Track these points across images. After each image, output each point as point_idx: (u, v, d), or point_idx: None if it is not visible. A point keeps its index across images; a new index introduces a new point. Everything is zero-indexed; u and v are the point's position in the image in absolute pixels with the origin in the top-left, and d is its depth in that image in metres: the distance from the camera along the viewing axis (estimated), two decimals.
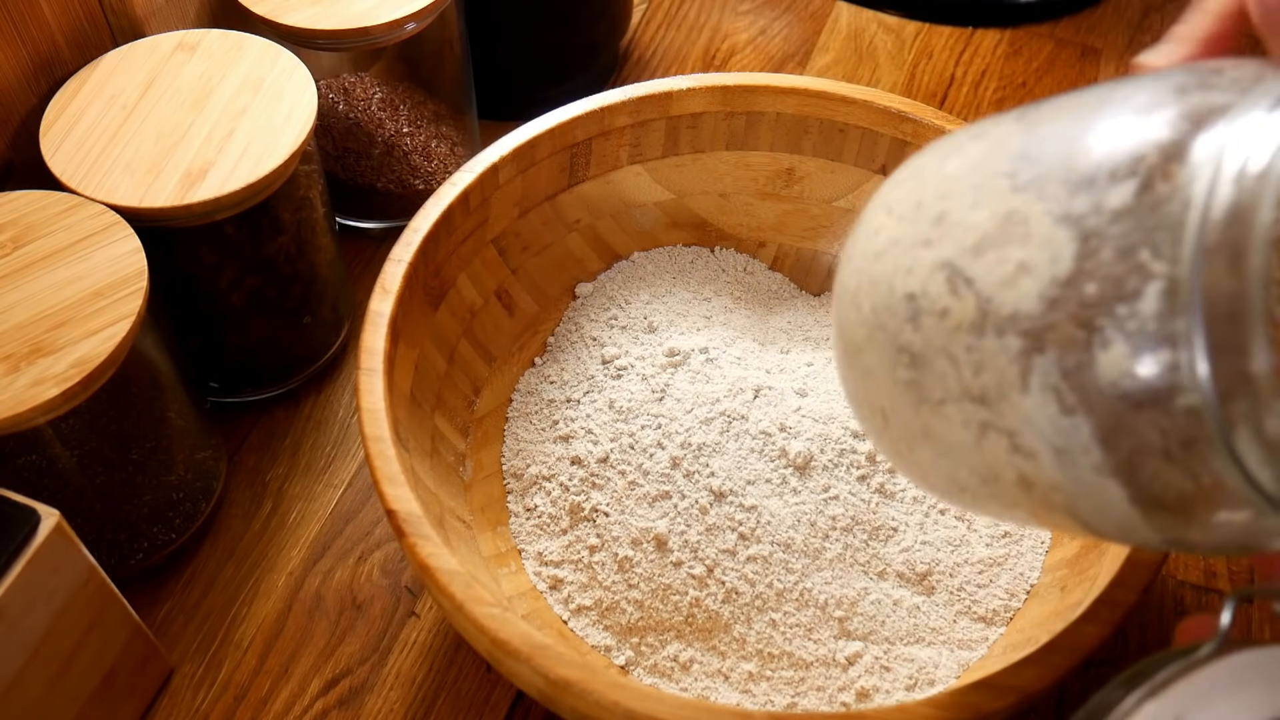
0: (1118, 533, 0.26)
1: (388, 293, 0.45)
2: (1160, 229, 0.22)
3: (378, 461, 0.40)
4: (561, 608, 0.46)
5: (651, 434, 0.47)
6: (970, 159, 0.27)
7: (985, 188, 0.26)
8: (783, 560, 0.45)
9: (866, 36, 0.75)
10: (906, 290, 0.27)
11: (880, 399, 0.29)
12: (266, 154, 0.46)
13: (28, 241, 0.43)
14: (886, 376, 0.28)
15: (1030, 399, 0.24)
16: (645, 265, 0.57)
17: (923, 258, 0.27)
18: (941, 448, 0.28)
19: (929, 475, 0.30)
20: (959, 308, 0.25)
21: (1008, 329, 0.24)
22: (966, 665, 0.44)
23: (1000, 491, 0.28)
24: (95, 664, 0.42)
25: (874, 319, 0.28)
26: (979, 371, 0.25)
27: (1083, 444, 0.24)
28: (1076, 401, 0.23)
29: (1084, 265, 0.23)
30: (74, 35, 0.50)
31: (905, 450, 0.30)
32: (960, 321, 0.25)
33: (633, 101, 0.53)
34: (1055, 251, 0.23)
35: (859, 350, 0.29)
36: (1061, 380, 0.23)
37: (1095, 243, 0.23)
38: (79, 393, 0.39)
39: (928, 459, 0.29)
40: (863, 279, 0.29)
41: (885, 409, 0.29)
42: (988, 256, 0.25)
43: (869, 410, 0.31)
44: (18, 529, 0.36)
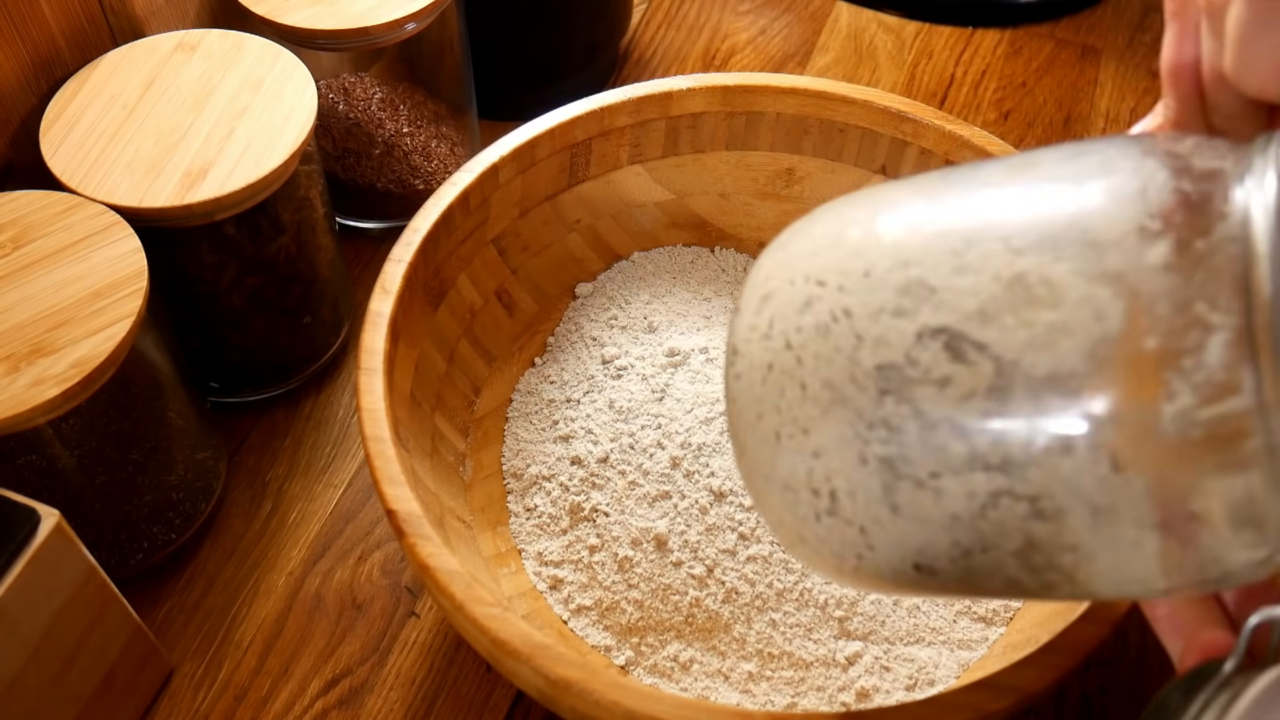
0: (1114, 588, 0.26)
1: (388, 293, 0.45)
2: (1211, 282, 0.22)
3: (378, 461, 0.40)
4: (561, 608, 0.46)
5: (651, 434, 0.47)
6: (920, 223, 0.27)
7: (969, 252, 0.25)
8: (783, 560, 0.45)
9: (866, 36, 0.75)
10: (878, 362, 0.26)
11: (832, 480, 0.27)
12: (266, 154, 0.46)
13: (28, 241, 0.43)
14: (848, 455, 0.26)
15: (1073, 460, 0.23)
16: (645, 265, 0.57)
17: (898, 327, 0.26)
18: (916, 524, 0.26)
19: (884, 552, 0.28)
20: (969, 375, 0.24)
21: (1045, 391, 0.23)
22: (966, 665, 0.44)
23: (983, 564, 0.26)
24: (95, 664, 0.42)
25: (830, 395, 0.26)
26: (1000, 439, 0.24)
27: (1132, 500, 0.23)
28: (1133, 457, 0.23)
29: (1139, 321, 0.22)
30: (74, 35, 0.50)
31: (853, 536, 0.27)
32: (972, 389, 0.24)
33: (633, 101, 0.53)
34: (1098, 309, 0.23)
35: (803, 431, 0.27)
36: (1117, 436, 0.23)
37: (1147, 299, 0.23)
38: (79, 393, 0.39)
39: (889, 535, 0.27)
40: (801, 355, 0.27)
41: (838, 490, 0.27)
42: (1002, 321, 0.24)
43: (808, 494, 0.28)
44: (18, 529, 0.36)
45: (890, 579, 0.28)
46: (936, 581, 0.28)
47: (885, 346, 0.26)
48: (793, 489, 0.28)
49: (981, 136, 0.51)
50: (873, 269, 0.27)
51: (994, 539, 0.26)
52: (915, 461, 0.26)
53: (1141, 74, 0.73)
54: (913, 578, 0.28)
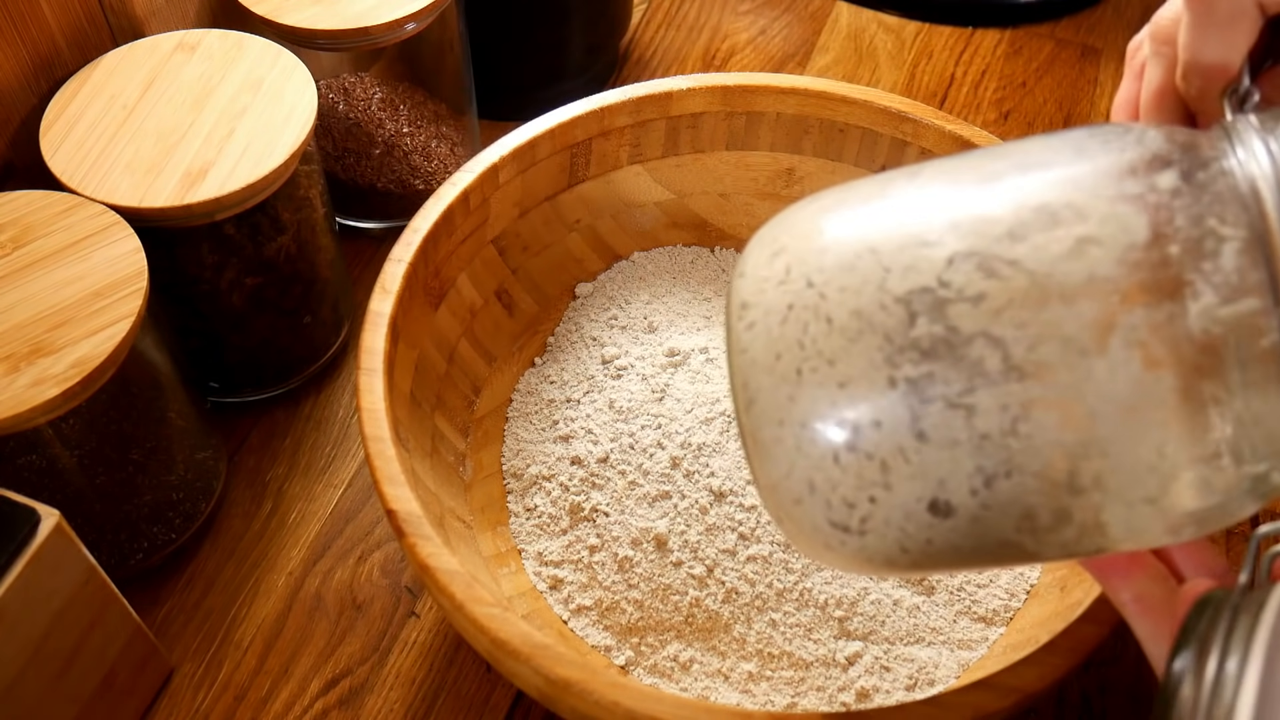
0: (1127, 516, 0.27)
1: (388, 293, 0.45)
2: (1217, 202, 0.25)
3: (378, 461, 0.40)
4: (561, 608, 0.46)
5: (651, 434, 0.48)
6: (933, 181, 0.29)
7: (990, 193, 0.27)
8: (783, 560, 0.45)
9: (866, 36, 0.75)
10: (909, 288, 0.27)
11: (857, 410, 0.27)
12: (266, 154, 0.46)
13: (28, 241, 0.43)
14: (877, 380, 0.27)
15: (1107, 360, 0.25)
16: (645, 265, 0.57)
17: (927, 255, 0.27)
18: (941, 452, 0.27)
19: (900, 490, 0.28)
20: (1003, 289, 0.26)
21: (1080, 297, 0.25)
22: (966, 665, 0.44)
23: (1003, 494, 0.27)
24: (95, 664, 0.42)
25: (858, 324, 0.27)
26: (1035, 346, 0.26)
27: (1160, 399, 0.25)
28: (1163, 355, 0.25)
29: (1161, 230, 0.25)
30: (74, 35, 0.50)
31: (872, 473, 0.28)
32: (1008, 300, 0.26)
33: (633, 101, 0.53)
34: (1123, 224, 0.25)
35: (828, 362, 0.28)
36: (1150, 335, 0.25)
37: (1165, 213, 0.25)
38: (79, 393, 0.39)
39: (911, 467, 0.27)
40: (825, 291, 0.28)
41: (862, 421, 0.28)
42: (1032, 239, 0.26)
43: (829, 430, 0.28)
44: (18, 529, 0.36)
45: (896, 532, 0.28)
46: (944, 529, 0.28)
47: (915, 273, 0.27)
48: (812, 427, 0.28)
49: (982, 137, 0.51)
50: (895, 212, 0.29)
51: (1021, 458, 0.26)
52: (948, 380, 0.26)
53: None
54: (922, 526, 0.28)
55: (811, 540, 0.30)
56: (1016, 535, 0.28)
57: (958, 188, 0.28)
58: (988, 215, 0.27)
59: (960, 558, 0.29)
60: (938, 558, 0.29)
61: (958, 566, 0.30)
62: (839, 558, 0.30)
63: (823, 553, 0.30)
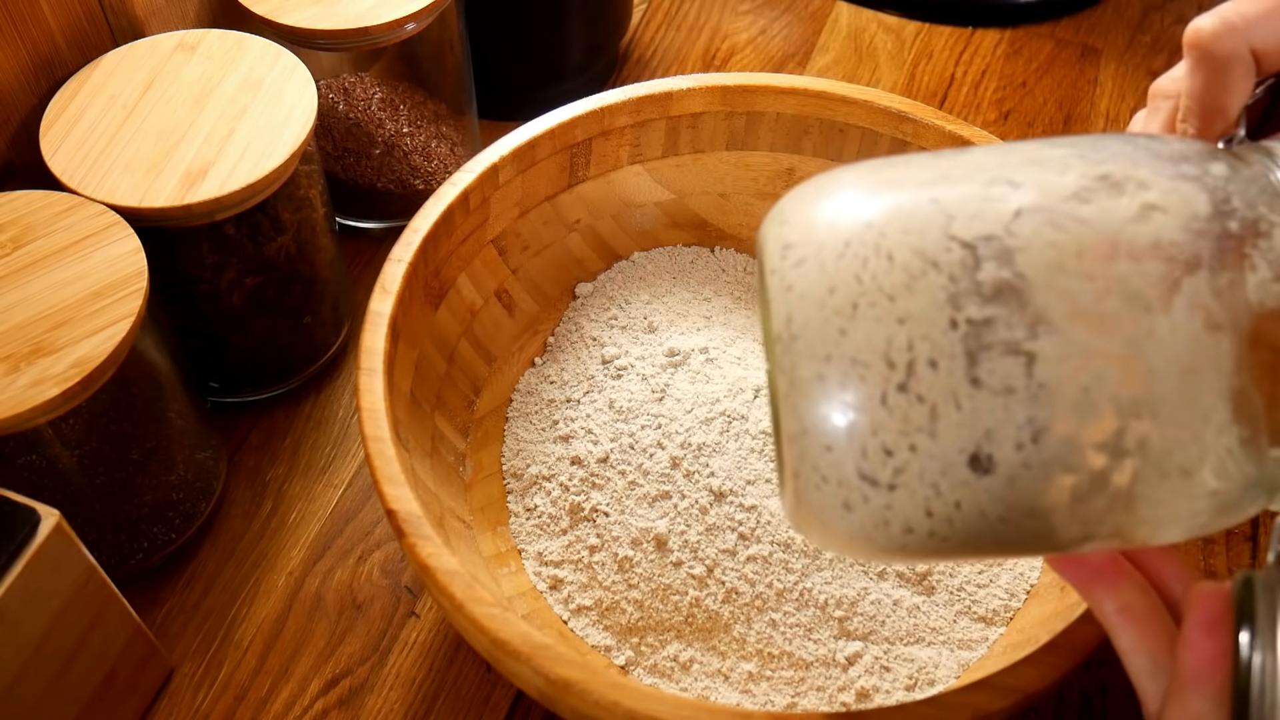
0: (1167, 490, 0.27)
1: (388, 293, 0.45)
2: (1265, 193, 0.27)
3: (378, 461, 0.40)
4: (561, 608, 0.46)
5: (651, 434, 0.48)
6: (984, 155, 0.30)
7: (1048, 164, 0.28)
8: (782, 560, 0.45)
9: (866, 36, 0.75)
10: (976, 233, 0.27)
11: (914, 349, 0.27)
12: (266, 154, 0.46)
13: (28, 241, 0.43)
14: (938, 319, 0.27)
15: (1170, 318, 0.26)
16: (645, 265, 0.57)
17: (993, 208, 0.28)
18: (994, 399, 0.26)
19: (945, 439, 0.27)
20: (1071, 241, 0.27)
21: (1147, 256, 0.26)
22: (966, 665, 0.44)
23: (1049, 449, 0.26)
24: (95, 664, 0.42)
25: (921, 262, 0.27)
26: (1102, 298, 0.26)
27: (1217, 360, 0.26)
28: (1225, 318, 0.26)
29: (1220, 208, 0.27)
30: (74, 35, 0.50)
31: (919, 417, 0.27)
32: (1077, 253, 0.26)
33: (633, 101, 0.53)
34: (1185, 197, 0.27)
35: (889, 298, 0.27)
36: (1212, 299, 0.26)
37: (1222, 194, 0.27)
38: (79, 393, 0.39)
39: (960, 414, 0.27)
40: (885, 230, 0.28)
41: (918, 360, 0.27)
42: (1099, 201, 0.27)
43: (881, 367, 0.27)
44: (18, 529, 0.36)
45: (928, 489, 0.27)
46: (977, 490, 0.27)
47: (981, 221, 0.27)
48: (863, 363, 0.27)
49: (982, 137, 0.51)
50: (950, 174, 0.29)
51: (1073, 412, 0.26)
52: (1011, 325, 0.26)
53: (1141, 74, 0.73)
54: (956, 484, 0.27)
55: (827, 501, 0.28)
56: (1046, 504, 0.27)
57: (1013, 158, 0.29)
58: (1051, 180, 0.28)
59: (976, 536, 0.28)
60: (953, 535, 0.28)
61: (966, 553, 0.29)
62: (848, 525, 0.28)
63: (834, 518, 0.28)
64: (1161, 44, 0.75)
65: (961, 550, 0.29)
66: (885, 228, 0.28)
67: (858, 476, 0.28)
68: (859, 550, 0.29)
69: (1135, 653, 0.31)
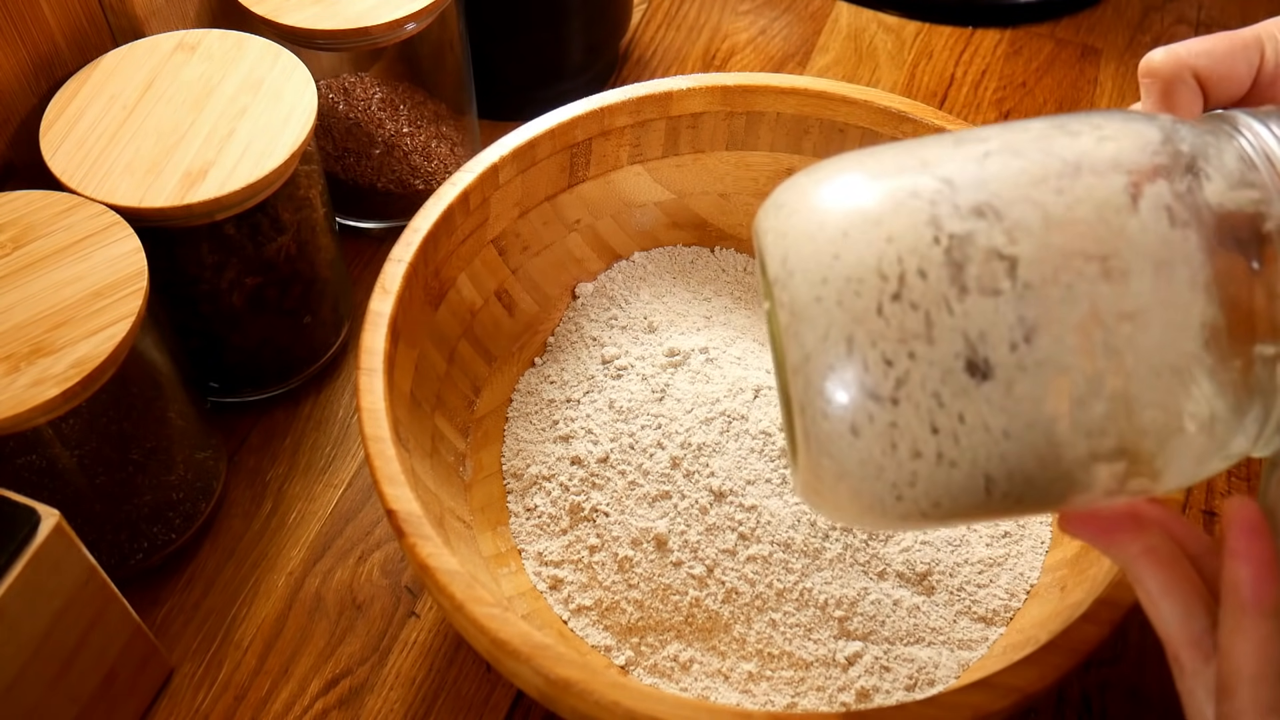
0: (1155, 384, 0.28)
1: (388, 293, 0.45)
2: (1212, 134, 0.30)
3: (378, 461, 0.40)
4: (561, 608, 0.46)
5: (651, 434, 0.47)
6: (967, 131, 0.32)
7: (1016, 126, 0.31)
8: (783, 560, 0.45)
9: (866, 36, 0.75)
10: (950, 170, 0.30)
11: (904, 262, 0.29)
12: (266, 154, 0.46)
13: (28, 241, 0.43)
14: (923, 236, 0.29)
15: (1139, 217, 0.28)
16: (645, 265, 0.57)
17: (965, 151, 0.30)
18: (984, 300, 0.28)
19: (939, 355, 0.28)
20: (1038, 166, 0.29)
21: (1109, 171, 0.29)
22: (966, 665, 0.44)
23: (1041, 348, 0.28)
24: (95, 664, 0.42)
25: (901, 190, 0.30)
26: (1073, 206, 0.28)
27: (1187, 254, 0.28)
28: (1189, 216, 0.28)
29: (1171, 136, 0.29)
30: (74, 35, 0.50)
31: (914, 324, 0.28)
32: (1044, 174, 0.29)
33: (633, 101, 0.53)
34: (1138, 130, 0.30)
35: (876, 223, 0.29)
36: (1174, 201, 0.28)
37: (1170, 129, 0.30)
38: (79, 393, 0.39)
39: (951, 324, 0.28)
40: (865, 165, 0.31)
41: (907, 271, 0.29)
42: (1059, 139, 0.30)
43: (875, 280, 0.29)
44: (18, 529, 0.36)
45: (930, 401, 0.29)
46: (979, 399, 0.28)
47: (954, 162, 0.30)
48: (857, 278, 0.29)
49: None
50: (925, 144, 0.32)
51: (1060, 309, 0.28)
52: (990, 235, 0.28)
53: None
54: (957, 392, 0.28)
55: (835, 429, 0.29)
56: (1047, 413, 0.28)
57: (984, 131, 0.32)
58: (1016, 133, 0.30)
59: (984, 461, 0.29)
60: (962, 458, 0.29)
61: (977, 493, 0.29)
62: (857, 455, 0.29)
63: (843, 448, 0.29)
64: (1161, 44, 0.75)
65: (971, 484, 0.29)
66: (867, 175, 0.31)
67: (862, 392, 0.29)
68: (871, 494, 0.30)
69: (1166, 595, 0.29)
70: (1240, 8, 0.77)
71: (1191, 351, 0.28)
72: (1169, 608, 0.29)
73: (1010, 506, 0.30)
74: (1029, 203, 0.29)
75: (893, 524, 0.31)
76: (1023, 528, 0.48)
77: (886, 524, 0.31)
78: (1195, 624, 0.29)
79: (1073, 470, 0.29)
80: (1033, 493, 0.30)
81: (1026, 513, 0.31)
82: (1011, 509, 0.30)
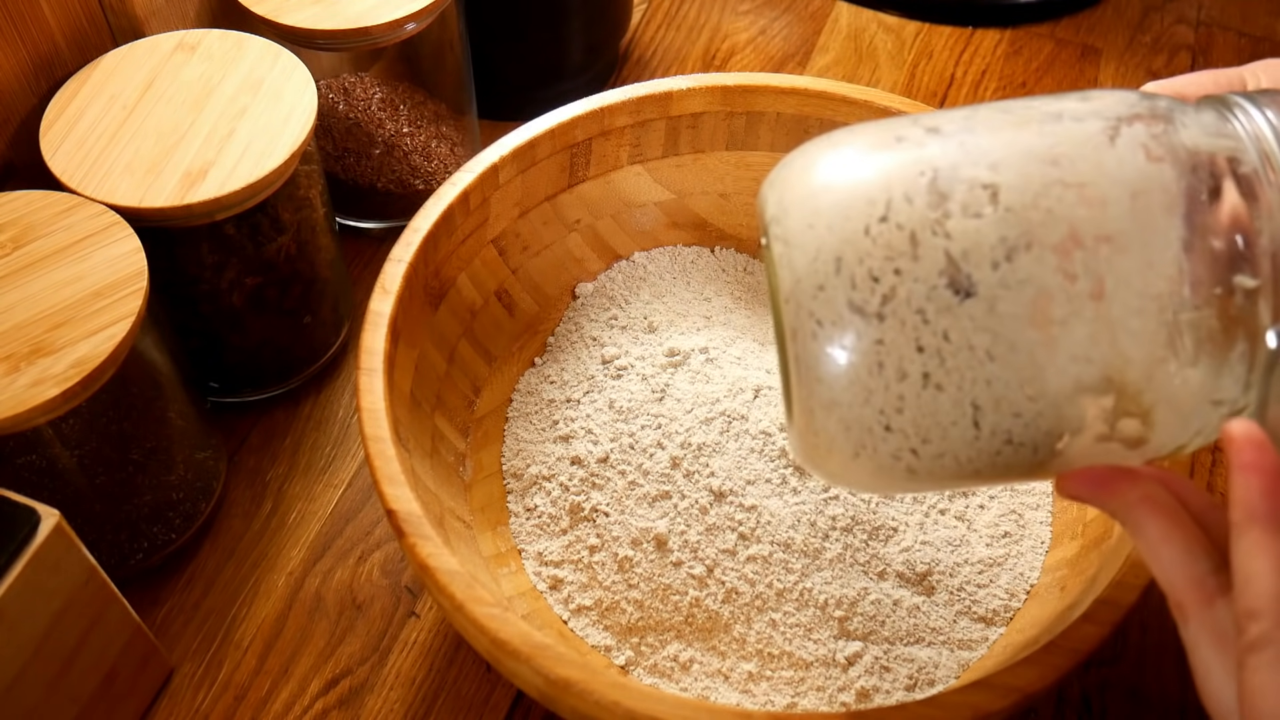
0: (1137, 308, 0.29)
1: (388, 293, 0.45)
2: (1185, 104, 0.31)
3: (378, 461, 0.40)
4: (561, 608, 0.46)
5: (651, 434, 0.48)
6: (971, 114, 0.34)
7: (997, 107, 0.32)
8: (783, 560, 0.45)
9: (866, 36, 0.75)
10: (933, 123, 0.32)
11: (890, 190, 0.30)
12: (266, 154, 0.46)
13: (28, 241, 0.43)
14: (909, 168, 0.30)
15: (1115, 151, 0.29)
16: (645, 265, 0.57)
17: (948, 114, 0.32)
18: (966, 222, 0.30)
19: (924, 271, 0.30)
20: (1022, 117, 0.31)
21: (1088, 117, 0.30)
22: (966, 665, 0.44)
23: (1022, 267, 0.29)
24: (95, 664, 0.42)
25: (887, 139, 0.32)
26: (1055, 145, 0.30)
27: (1163, 184, 0.29)
28: (1164, 152, 0.29)
29: (1145, 98, 0.31)
30: (74, 35, 0.50)
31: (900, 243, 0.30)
32: (1025, 118, 0.31)
33: (633, 101, 0.53)
34: (1118, 96, 0.31)
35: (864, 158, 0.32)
36: (1150, 140, 0.29)
37: (1155, 102, 0.31)
38: (79, 393, 0.39)
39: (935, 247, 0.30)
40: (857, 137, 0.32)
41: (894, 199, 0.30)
42: (1039, 104, 0.32)
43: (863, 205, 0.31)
44: (18, 529, 0.36)
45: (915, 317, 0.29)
46: (963, 317, 0.29)
47: (936, 118, 0.32)
48: (845, 204, 0.31)
49: None
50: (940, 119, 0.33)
51: (1040, 230, 0.29)
52: (974, 165, 0.30)
53: (1141, 74, 0.73)
54: (941, 310, 0.29)
55: (822, 349, 0.30)
56: (1033, 335, 0.29)
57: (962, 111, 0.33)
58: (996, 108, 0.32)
59: (970, 386, 0.29)
60: (948, 380, 0.29)
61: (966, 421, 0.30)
62: (846, 378, 0.30)
63: (831, 371, 0.30)
64: (1161, 44, 0.75)
65: (959, 413, 0.30)
66: (859, 134, 0.32)
67: (848, 308, 0.30)
68: (860, 425, 0.31)
69: (1166, 540, 0.29)
70: (1240, 8, 0.77)
71: (1170, 276, 0.29)
72: (1169, 553, 0.29)
73: (1001, 448, 0.30)
74: (1011, 144, 0.30)
75: (885, 469, 0.32)
76: (1022, 528, 0.48)
77: (878, 469, 0.31)
78: (1198, 566, 0.28)
79: (1060, 403, 0.29)
80: (1022, 430, 0.30)
81: (1021, 464, 0.31)
82: (1003, 453, 0.31)
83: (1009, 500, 0.49)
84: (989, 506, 0.49)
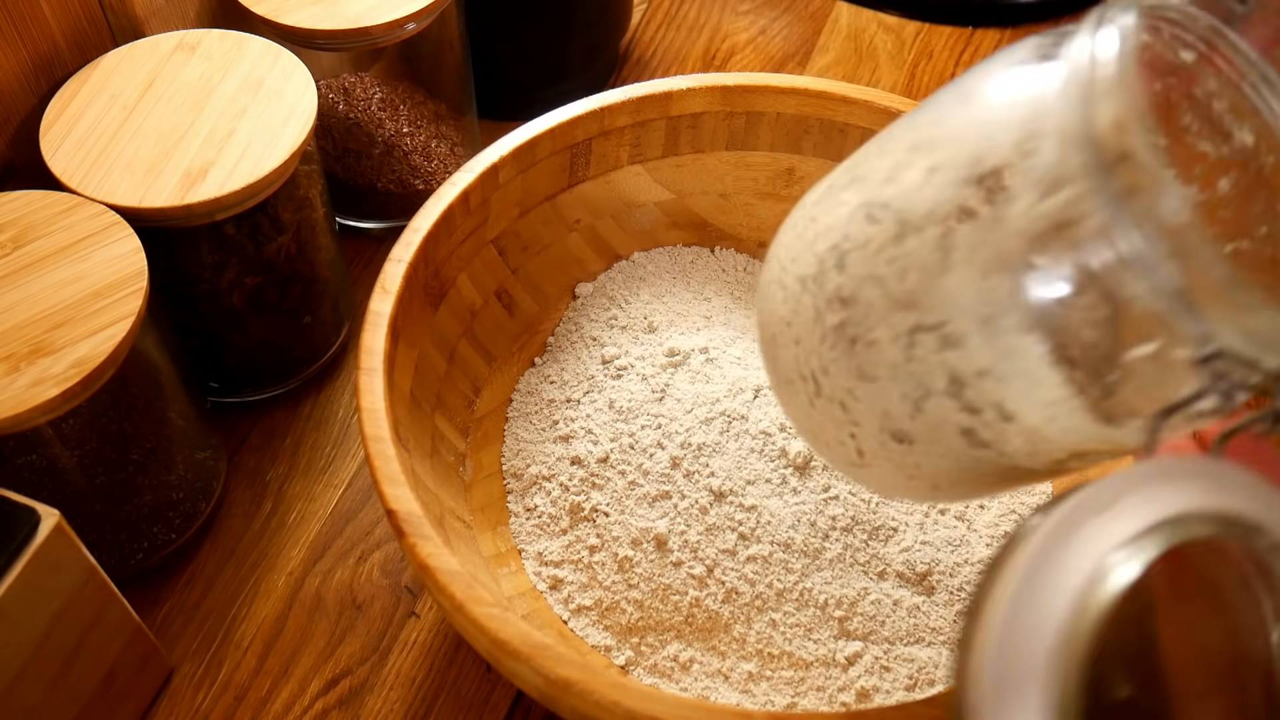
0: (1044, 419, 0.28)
1: (388, 293, 0.45)
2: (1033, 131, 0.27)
3: (378, 461, 0.40)
4: (561, 608, 0.46)
5: (651, 434, 0.47)
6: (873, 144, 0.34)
7: (886, 145, 0.31)
8: (783, 560, 0.45)
9: (866, 36, 0.75)
10: (827, 245, 0.31)
11: (811, 363, 0.32)
12: (266, 154, 0.46)
13: (28, 241, 0.43)
14: (815, 332, 0.32)
15: (953, 276, 0.28)
16: (645, 265, 0.57)
17: (838, 212, 0.31)
18: (872, 383, 0.30)
19: (865, 425, 0.32)
20: (878, 231, 0.30)
21: (925, 225, 0.28)
22: None
23: (934, 416, 0.29)
24: (95, 664, 0.42)
25: (800, 287, 0.32)
26: (904, 276, 0.29)
27: (1003, 302, 0.27)
28: (992, 258, 0.27)
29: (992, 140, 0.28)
30: (74, 35, 0.50)
31: (836, 411, 0.32)
32: (884, 241, 0.29)
33: (633, 101, 0.53)
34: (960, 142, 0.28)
35: (787, 325, 0.33)
36: (978, 247, 0.27)
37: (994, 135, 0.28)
38: (79, 393, 0.39)
39: (862, 404, 0.31)
40: (786, 260, 0.33)
41: (816, 370, 0.32)
42: (900, 177, 0.29)
43: (800, 383, 0.33)
44: (18, 529, 0.36)
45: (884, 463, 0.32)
46: (916, 453, 0.31)
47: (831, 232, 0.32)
48: (789, 381, 0.34)
49: None
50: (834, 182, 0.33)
51: (926, 380, 0.29)
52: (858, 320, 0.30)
53: None
54: (896, 454, 0.31)
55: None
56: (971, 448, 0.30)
57: (873, 144, 0.32)
58: (876, 166, 0.31)
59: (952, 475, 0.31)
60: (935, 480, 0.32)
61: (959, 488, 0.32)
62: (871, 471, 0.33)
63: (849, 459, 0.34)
64: None
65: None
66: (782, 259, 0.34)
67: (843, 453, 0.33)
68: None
69: None
70: None
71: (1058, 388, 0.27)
72: None
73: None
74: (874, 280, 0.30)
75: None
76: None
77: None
78: None
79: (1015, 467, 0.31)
80: None
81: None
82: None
83: (1009, 500, 0.49)
84: (989, 506, 0.49)
